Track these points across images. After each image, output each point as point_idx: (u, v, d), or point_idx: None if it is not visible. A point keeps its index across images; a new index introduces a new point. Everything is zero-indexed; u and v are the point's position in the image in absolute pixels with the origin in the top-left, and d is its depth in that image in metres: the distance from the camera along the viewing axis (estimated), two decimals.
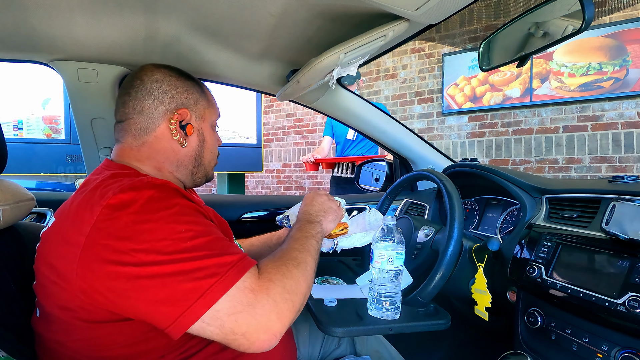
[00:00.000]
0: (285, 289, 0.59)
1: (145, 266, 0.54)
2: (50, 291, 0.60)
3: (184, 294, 0.54)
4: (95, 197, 0.59)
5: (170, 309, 0.54)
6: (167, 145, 0.75)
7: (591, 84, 3.23)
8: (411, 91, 4.29)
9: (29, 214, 0.85)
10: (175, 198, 0.61)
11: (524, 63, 0.92)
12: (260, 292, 0.57)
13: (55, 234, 0.63)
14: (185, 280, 0.54)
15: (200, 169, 0.81)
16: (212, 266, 0.56)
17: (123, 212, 0.57)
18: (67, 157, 2.80)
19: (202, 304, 0.53)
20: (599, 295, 0.67)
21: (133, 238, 0.55)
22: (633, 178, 0.84)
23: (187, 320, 0.54)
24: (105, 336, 0.59)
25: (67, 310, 0.59)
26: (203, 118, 0.80)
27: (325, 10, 0.82)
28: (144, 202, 0.58)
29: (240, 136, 3.34)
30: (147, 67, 0.78)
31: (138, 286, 0.54)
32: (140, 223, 0.56)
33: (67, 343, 0.61)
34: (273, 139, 5.57)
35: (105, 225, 0.56)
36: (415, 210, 1.38)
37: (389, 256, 0.74)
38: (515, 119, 3.66)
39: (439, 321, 0.77)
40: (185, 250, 0.56)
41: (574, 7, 0.77)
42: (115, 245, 0.55)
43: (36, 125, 2.78)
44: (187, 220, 0.59)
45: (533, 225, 0.90)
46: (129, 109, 0.75)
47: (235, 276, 0.56)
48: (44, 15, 0.87)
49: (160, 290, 0.54)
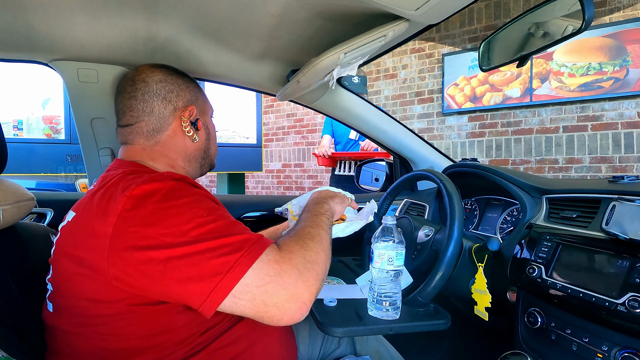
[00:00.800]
0: (306, 259, 0.62)
1: (174, 247, 0.56)
2: (76, 283, 0.61)
3: (213, 269, 0.56)
4: (119, 190, 0.61)
5: (202, 286, 0.56)
6: (179, 142, 0.79)
7: (591, 84, 3.23)
8: (411, 91, 4.29)
9: (29, 214, 0.85)
10: (193, 188, 0.65)
11: (524, 63, 0.92)
12: (284, 262, 0.60)
13: (78, 227, 0.64)
14: (214, 256, 0.56)
15: (207, 160, 0.87)
16: (236, 242, 0.59)
17: (148, 200, 0.59)
18: (67, 157, 2.80)
19: (231, 277, 0.56)
20: (599, 295, 0.67)
21: (159, 223, 0.58)
22: (633, 178, 0.84)
23: (218, 295, 0.56)
24: (126, 327, 0.60)
25: (93, 302, 0.60)
26: (205, 112, 0.86)
27: (325, 10, 0.82)
28: (166, 191, 0.61)
29: (240, 136, 3.34)
30: (146, 68, 0.78)
31: (170, 267, 0.56)
32: (164, 210, 0.59)
33: (84, 335, 0.62)
34: (273, 139, 5.57)
35: (131, 214, 0.58)
36: (415, 210, 1.38)
37: (389, 256, 0.74)
38: (515, 119, 3.66)
39: (439, 321, 0.77)
40: (209, 231, 0.58)
41: (574, 7, 0.77)
42: (143, 231, 0.57)
43: (36, 125, 2.78)
44: (206, 206, 0.62)
45: (533, 225, 0.90)
46: (137, 112, 0.76)
47: (259, 250, 0.59)
48: (44, 15, 0.87)
49: (191, 268, 0.56)
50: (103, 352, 0.62)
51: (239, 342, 0.70)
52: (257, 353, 0.72)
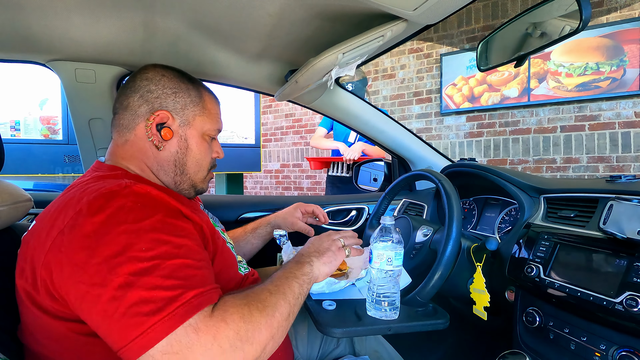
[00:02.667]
0: (238, 334, 0.51)
1: (93, 286, 0.51)
2: (23, 299, 0.60)
3: (124, 329, 0.49)
4: (73, 201, 0.58)
5: (112, 340, 0.51)
6: (144, 145, 0.74)
7: (588, 83, 3.24)
8: (409, 91, 4.30)
9: (27, 214, 0.84)
10: (150, 209, 0.58)
11: (521, 63, 0.92)
12: (206, 333, 0.50)
13: (33, 236, 0.62)
14: (127, 314, 0.50)
15: (184, 178, 0.77)
16: (160, 300, 0.50)
17: (88, 220, 0.55)
18: (64, 157, 2.79)
19: (140, 343, 0.49)
20: (597, 294, 0.67)
21: (91, 249, 0.53)
22: (630, 177, 0.84)
23: (127, 356, 0.50)
24: (82, 347, 0.58)
25: (38, 319, 0.58)
26: (190, 125, 0.76)
27: (324, 11, 0.82)
28: (112, 211, 0.55)
29: (239, 136, 3.34)
30: (148, 66, 0.78)
31: (88, 303, 0.52)
32: (101, 235, 0.53)
33: (49, 355, 0.61)
34: (271, 139, 5.56)
35: (69, 231, 0.55)
36: (414, 210, 1.39)
37: (387, 256, 0.74)
38: (513, 118, 3.67)
39: (437, 321, 0.77)
40: (137, 273, 0.51)
41: (571, 7, 0.77)
42: (73, 255, 0.53)
43: (33, 125, 2.77)
44: (152, 237, 0.55)
45: (531, 225, 0.90)
46: (118, 103, 0.76)
47: (182, 316, 0.50)
48: (41, 16, 0.87)
49: (104, 316, 0.51)
50: None
51: None
52: None
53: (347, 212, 1.53)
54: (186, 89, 0.77)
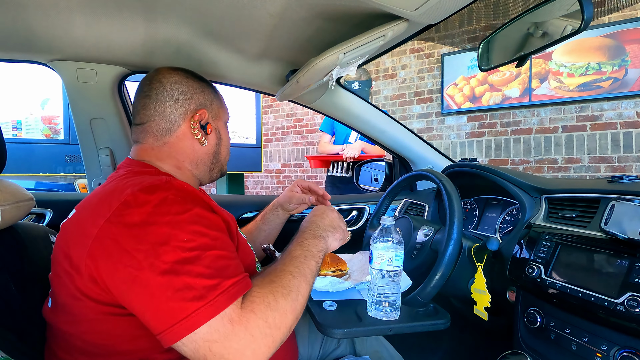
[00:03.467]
0: (267, 322, 0.56)
1: (141, 270, 0.55)
2: (64, 280, 0.62)
3: (169, 312, 0.54)
4: (116, 192, 0.61)
5: (156, 322, 0.54)
6: (188, 144, 0.79)
7: (590, 83, 3.23)
8: (410, 91, 4.29)
9: (28, 214, 0.84)
10: (189, 204, 0.61)
11: (523, 63, 0.92)
12: (239, 324, 0.55)
13: (74, 224, 0.65)
14: (173, 298, 0.54)
15: (217, 165, 0.85)
16: (202, 288, 0.54)
17: (136, 210, 0.58)
18: (66, 157, 2.80)
19: (184, 326, 0.53)
20: (598, 295, 0.67)
21: (138, 238, 0.57)
22: (632, 178, 0.84)
23: (167, 339, 0.54)
24: (111, 329, 0.61)
25: (77, 300, 0.60)
26: (218, 117, 0.85)
27: (325, 10, 0.82)
28: (157, 202, 0.59)
29: (240, 136, 3.34)
30: (164, 70, 0.81)
31: (136, 287, 0.55)
32: (147, 225, 0.57)
33: (77, 333, 0.63)
34: (272, 139, 5.56)
35: (117, 220, 0.58)
36: (415, 210, 1.39)
37: (388, 257, 0.74)
38: (514, 118, 3.66)
39: (438, 321, 0.77)
40: (181, 262, 0.55)
41: (573, 7, 0.77)
42: (121, 242, 0.57)
43: (35, 125, 2.78)
44: (193, 229, 0.59)
45: (532, 225, 0.90)
46: (150, 110, 0.78)
47: (223, 303, 0.55)
48: (43, 16, 0.87)
49: (151, 299, 0.55)
50: (93, 349, 0.62)
51: None
52: None
53: (348, 212, 1.53)
54: (206, 86, 0.84)
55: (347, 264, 0.90)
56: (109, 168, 1.20)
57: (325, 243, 0.77)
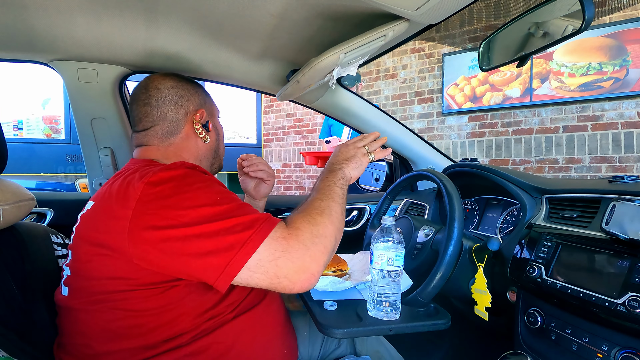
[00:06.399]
0: (312, 233, 0.66)
1: (191, 226, 0.61)
2: (96, 264, 0.65)
3: (228, 244, 0.61)
4: (136, 178, 0.66)
5: (218, 260, 0.60)
6: (192, 143, 0.85)
7: (591, 84, 3.22)
8: (411, 91, 4.29)
9: (29, 213, 0.85)
10: (205, 175, 0.70)
11: (524, 63, 0.92)
12: (291, 238, 0.64)
13: (98, 212, 0.68)
14: (228, 233, 0.61)
15: (217, 159, 0.93)
16: (248, 221, 0.63)
17: (165, 185, 0.64)
18: (67, 157, 2.81)
19: (245, 252, 0.60)
20: (599, 295, 0.67)
21: (177, 205, 0.62)
22: (633, 178, 0.84)
23: (233, 269, 0.60)
24: (141, 303, 0.64)
25: (113, 280, 0.64)
26: (213, 114, 0.91)
27: (325, 10, 0.82)
28: (181, 177, 0.65)
29: (240, 136, 3.35)
30: (158, 77, 0.85)
31: (188, 244, 0.61)
32: (181, 193, 0.64)
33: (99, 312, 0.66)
34: (273, 139, 5.56)
35: (150, 198, 0.63)
36: (415, 210, 1.38)
37: (388, 257, 0.74)
38: (515, 119, 3.66)
39: (439, 321, 0.77)
40: (223, 212, 0.63)
41: (574, 7, 0.77)
42: (162, 213, 0.62)
43: (36, 125, 2.78)
44: (218, 190, 0.67)
45: (533, 225, 0.90)
46: (153, 117, 0.82)
47: (268, 227, 0.63)
48: (44, 16, 0.87)
49: (208, 244, 0.61)
50: (117, 330, 0.65)
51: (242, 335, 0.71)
52: (258, 348, 0.73)
53: (349, 212, 1.53)
54: (197, 87, 0.89)
55: (347, 264, 0.91)
56: (109, 168, 1.20)
57: (342, 172, 0.82)
